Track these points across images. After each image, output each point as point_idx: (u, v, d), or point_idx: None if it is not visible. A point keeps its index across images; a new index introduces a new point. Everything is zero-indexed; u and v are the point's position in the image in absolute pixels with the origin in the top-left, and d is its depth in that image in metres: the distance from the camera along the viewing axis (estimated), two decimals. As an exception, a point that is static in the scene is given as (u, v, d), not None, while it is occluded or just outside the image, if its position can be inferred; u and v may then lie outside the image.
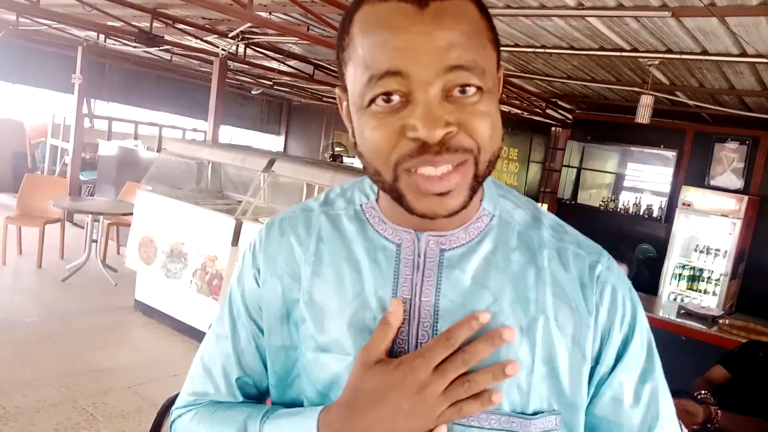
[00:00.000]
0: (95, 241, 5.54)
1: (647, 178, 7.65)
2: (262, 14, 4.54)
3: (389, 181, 0.60)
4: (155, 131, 9.90)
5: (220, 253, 3.97)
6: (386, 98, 0.57)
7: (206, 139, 7.36)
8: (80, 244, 6.04)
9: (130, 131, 9.61)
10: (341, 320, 0.67)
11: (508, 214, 0.71)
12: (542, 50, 4.58)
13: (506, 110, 7.37)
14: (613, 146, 7.70)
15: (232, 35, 5.71)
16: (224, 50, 6.31)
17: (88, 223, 5.57)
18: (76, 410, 3.12)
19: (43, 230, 5.52)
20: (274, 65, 6.97)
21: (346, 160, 10.21)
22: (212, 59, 6.75)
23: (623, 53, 4.29)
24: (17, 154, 9.22)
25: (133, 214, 4.72)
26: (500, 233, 0.69)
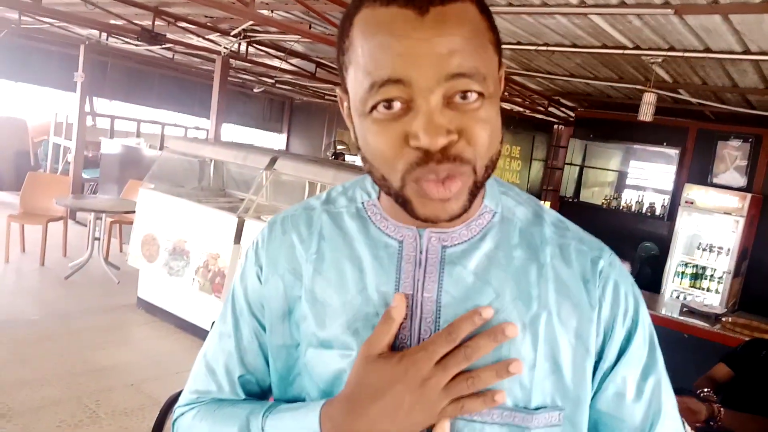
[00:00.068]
0: (98, 239, 5.56)
1: (650, 176, 7.63)
2: (264, 12, 4.54)
3: (396, 188, 0.60)
4: (157, 129, 9.91)
5: (222, 250, 3.97)
6: (387, 105, 0.58)
7: (208, 137, 7.36)
8: (83, 242, 6.05)
9: (132, 129, 9.63)
10: (343, 317, 0.67)
11: (509, 211, 0.71)
12: (545, 48, 4.57)
13: (508, 108, 7.36)
14: (615, 144, 7.68)
15: (234, 33, 5.70)
16: (226, 48, 6.30)
17: (90, 221, 5.59)
18: (79, 408, 3.13)
19: (45, 228, 5.54)
20: (276, 63, 6.97)
21: (348, 158, 10.20)
22: (214, 57, 6.75)
23: (626, 51, 4.28)
24: (20, 152, 9.24)
25: (135, 212, 4.72)
26: (502, 230, 0.69)
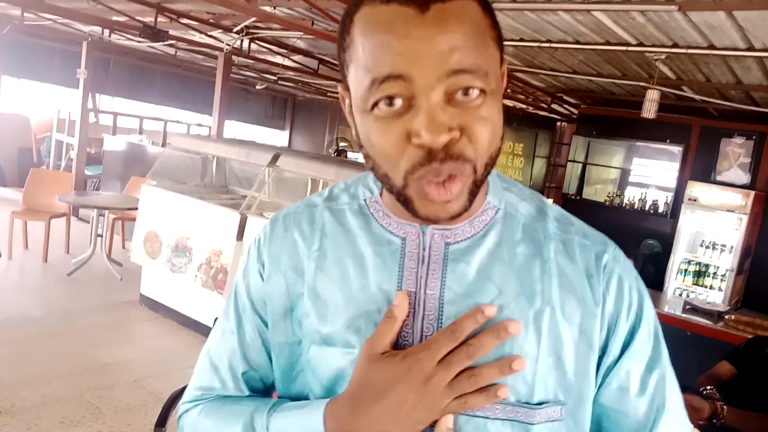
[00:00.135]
0: (100, 235, 5.56)
1: (653, 173, 7.62)
2: (266, 9, 4.53)
3: (399, 186, 0.60)
4: (160, 126, 9.92)
5: (224, 247, 3.97)
6: (389, 102, 0.57)
7: (211, 133, 7.36)
8: (85, 238, 6.06)
9: (134, 126, 9.64)
10: (346, 314, 0.67)
11: (512, 207, 0.71)
12: (548, 45, 4.55)
13: (511, 105, 7.34)
14: (618, 141, 7.66)
15: (236, 30, 5.69)
16: (229, 45, 6.30)
17: (93, 217, 5.59)
18: (82, 404, 3.13)
19: (48, 225, 5.55)
20: (278, 60, 6.97)
21: (350, 155, 10.21)
22: (217, 54, 6.75)
23: (629, 48, 4.26)
24: (23, 149, 9.26)
25: (138, 208, 4.73)
26: (505, 226, 0.69)
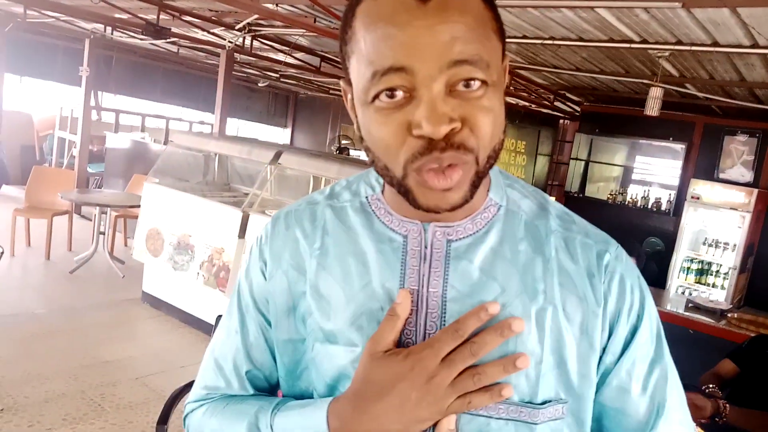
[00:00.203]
0: (103, 233, 5.57)
1: (656, 171, 7.60)
2: (268, 6, 4.52)
3: (398, 177, 0.60)
4: (162, 124, 9.94)
5: (227, 245, 3.98)
6: (390, 94, 0.57)
7: (213, 131, 7.37)
8: (88, 236, 6.07)
9: (137, 124, 9.66)
10: (348, 312, 0.67)
11: (515, 204, 0.71)
12: (551, 42, 4.54)
13: (514, 102, 7.33)
14: (621, 139, 7.65)
15: (238, 27, 5.69)
16: (231, 42, 6.30)
17: (95, 215, 5.61)
18: (84, 401, 3.14)
19: (51, 222, 5.56)
20: (280, 57, 6.96)
21: (352, 152, 10.18)
22: (219, 51, 6.75)
23: (632, 45, 4.25)
24: (25, 146, 9.27)
25: (140, 206, 4.73)
26: (507, 223, 0.69)
